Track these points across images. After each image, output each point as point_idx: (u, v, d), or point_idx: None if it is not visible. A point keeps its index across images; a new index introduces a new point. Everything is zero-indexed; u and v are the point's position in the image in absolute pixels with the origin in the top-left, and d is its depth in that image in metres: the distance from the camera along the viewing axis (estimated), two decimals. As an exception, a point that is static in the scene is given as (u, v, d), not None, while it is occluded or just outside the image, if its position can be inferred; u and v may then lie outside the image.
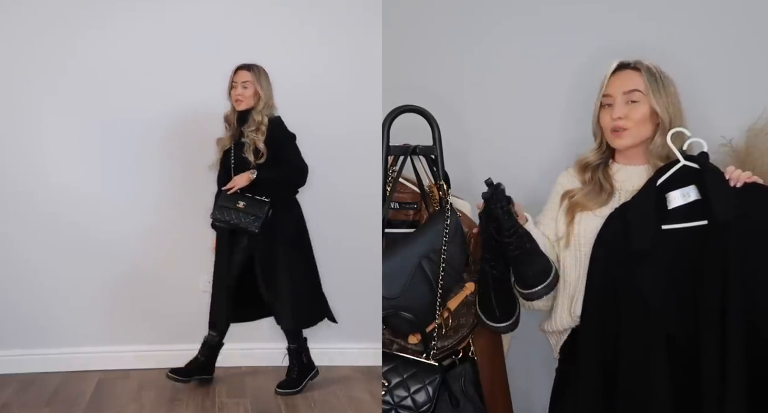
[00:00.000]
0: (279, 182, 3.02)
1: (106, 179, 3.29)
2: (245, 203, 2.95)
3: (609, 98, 1.99)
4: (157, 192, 3.31)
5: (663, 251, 1.83)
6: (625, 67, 2.01)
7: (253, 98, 2.99)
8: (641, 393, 1.80)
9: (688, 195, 1.86)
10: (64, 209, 3.27)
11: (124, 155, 3.29)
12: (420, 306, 1.98)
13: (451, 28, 2.57)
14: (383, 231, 2.12)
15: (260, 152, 2.96)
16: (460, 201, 2.24)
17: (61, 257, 3.30)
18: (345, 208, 3.38)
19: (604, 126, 2.01)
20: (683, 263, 1.82)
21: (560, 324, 2.02)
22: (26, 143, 3.24)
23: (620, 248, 1.87)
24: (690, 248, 1.82)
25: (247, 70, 2.99)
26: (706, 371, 1.76)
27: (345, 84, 3.35)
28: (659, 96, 1.96)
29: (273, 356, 3.27)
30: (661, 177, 1.88)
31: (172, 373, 3.10)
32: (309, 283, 3.11)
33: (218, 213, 2.96)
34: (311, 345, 3.20)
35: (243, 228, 2.96)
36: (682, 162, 1.88)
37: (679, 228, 1.84)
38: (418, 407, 1.90)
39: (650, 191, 1.88)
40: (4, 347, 3.30)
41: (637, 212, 1.87)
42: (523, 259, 1.88)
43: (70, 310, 3.33)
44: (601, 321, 1.88)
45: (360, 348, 3.39)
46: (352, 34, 3.32)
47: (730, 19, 2.41)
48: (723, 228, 1.78)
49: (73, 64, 3.23)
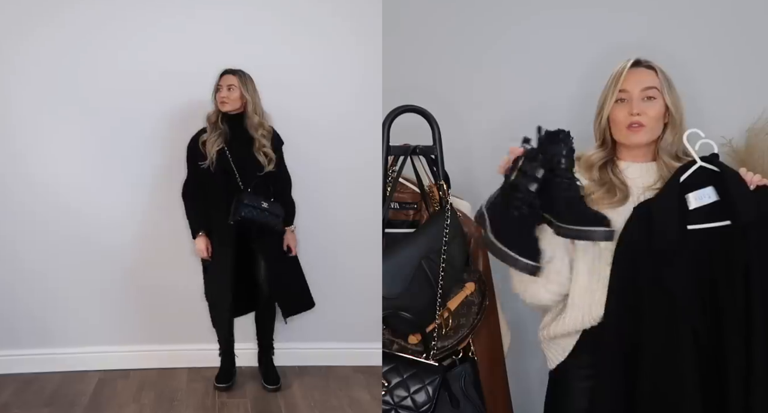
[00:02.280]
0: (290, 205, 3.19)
1: (106, 179, 3.28)
2: (267, 203, 3.01)
3: (625, 94, 1.98)
4: (157, 192, 3.31)
5: (688, 250, 1.84)
6: (639, 64, 2.01)
7: (239, 101, 3.02)
8: (670, 390, 1.80)
9: (708, 197, 1.86)
10: (63, 209, 3.26)
11: (125, 155, 3.28)
12: (420, 306, 1.98)
13: (451, 29, 2.57)
14: (383, 231, 2.12)
15: (269, 157, 3.03)
16: (460, 201, 2.24)
17: (61, 257, 3.29)
18: (345, 208, 3.38)
19: (619, 121, 1.99)
20: (708, 262, 1.83)
21: (573, 325, 1.97)
22: (24, 144, 3.23)
23: (644, 248, 1.86)
24: (714, 249, 1.83)
25: (232, 74, 3.04)
26: (732, 369, 1.77)
27: (345, 84, 3.34)
28: (671, 95, 1.99)
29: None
30: (682, 176, 1.89)
31: (219, 383, 3.15)
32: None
33: (246, 212, 2.95)
34: (311, 345, 3.21)
35: (271, 226, 3.02)
36: (699, 163, 1.88)
37: (702, 229, 1.84)
38: (418, 407, 1.90)
39: (674, 190, 1.88)
40: (4, 347, 3.30)
41: (662, 211, 1.87)
42: (578, 197, 1.86)
43: (70, 310, 3.33)
44: (624, 320, 1.87)
45: (360, 348, 3.39)
46: (352, 34, 3.32)
47: (730, 19, 2.41)
48: (746, 228, 1.80)
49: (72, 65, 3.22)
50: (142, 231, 3.34)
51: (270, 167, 3.02)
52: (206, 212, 3.08)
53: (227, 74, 3.04)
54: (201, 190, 3.09)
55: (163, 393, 3.10)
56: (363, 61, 3.24)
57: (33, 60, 3.20)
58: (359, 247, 3.28)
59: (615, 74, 2.01)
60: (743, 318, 1.78)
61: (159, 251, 3.33)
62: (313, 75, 3.33)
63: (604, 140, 2.05)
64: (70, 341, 3.34)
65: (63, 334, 3.33)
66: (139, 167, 3.31)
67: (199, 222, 3.10)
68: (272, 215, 3.01)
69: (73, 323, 3.33)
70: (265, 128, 3.04)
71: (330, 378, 3.29)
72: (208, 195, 3.06)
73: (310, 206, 3.25)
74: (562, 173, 1.83)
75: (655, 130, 1.99)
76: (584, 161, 2.06)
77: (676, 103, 1.99)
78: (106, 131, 3.26)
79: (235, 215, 2.95)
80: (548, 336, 2.04)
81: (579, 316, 1.96)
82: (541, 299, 2.00)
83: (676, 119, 1.98)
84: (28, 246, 3.28)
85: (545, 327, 2.05)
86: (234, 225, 2.98)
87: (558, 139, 1.83)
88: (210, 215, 3.08)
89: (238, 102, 3.02)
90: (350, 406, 3.01)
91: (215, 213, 3.04)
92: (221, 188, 3.01)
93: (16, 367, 3.27)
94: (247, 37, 3.29)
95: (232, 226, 2.98)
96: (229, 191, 3.00)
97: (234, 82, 3.02)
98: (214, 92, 3.05)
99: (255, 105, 3.03)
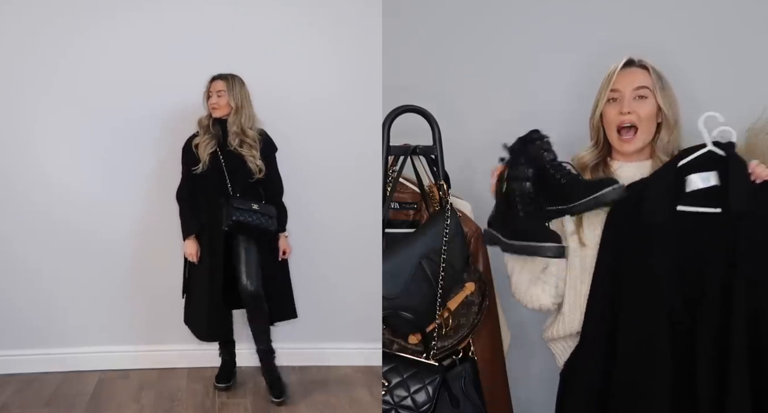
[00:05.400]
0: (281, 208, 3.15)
1: (106, 179, 3.29)
2: (258, 205, 2.99)
3: (617, 93, 1.99)
4: (158, 193, 3.31)
5: (675, 231, 1.83)
6: (632, 64, 2.01)
7: (228, 107, 3.03)
8: (640, 378, 1.80)
9: (708, 180, 1.84)
10: (63, 209, 3.27)
11: (124, 155, 3.28)
12: (420, 306, 1.98)
13: (451, 28, 2.57)
14: (383, 231, 2.12)
15: (259, 166, 3.02)
16: (460, 201, 2.24)
17: (61, 257, 3.30)
18: (345, 208, 3.38)
19: (610, 120, 2.00)
20: (693, 246, 1.82)
21: (570, 327, 1.99)
22: (24, 143, 3.24)
23: (632, 227, 1.86)
24: (701, 233, 1.82)
25: (221, 80, 3.04)
26: (703, 359, 1.76)
27: (345, 84, 3.34)
28: (664, 94, 1.98)
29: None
30: (683, 160, 1.88)
31: (219, 383, 3.15)
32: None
33: (239, 216, 2.94)
34: (312, 345, 3.20)
35: (264, 228, 2.99)
36: (709, 146, 1.86)
37: (692, 212, 1.83)
38: (418, 407, 1.90)
39: (670, 170, 1.88)
40: (4, 347, 3.30)
41: (654, 188, 1.86)
42: (575, 180, 1.88)
43: (70, 310, 3.33)
44: (608, 296, 1.87)
45: (360, 348, 3.39)
46: (352, 34, 3.32)
47: (731, 19, 2.41)
48: (737, 218, 1.78)
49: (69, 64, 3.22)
50: (143, 231, 3.34)
51: (260, 175, 3.03)
52: (198, 215, 3.07)
53: (216, 80, 3.05)
54: (194, 193, 3.09)
55: (163, 393, 3.11)
56: (363, 61, 3.24)
57: (33, 60, 3.21)
58: (359, 247, 3.28)
59: (608, 74, 2.01)
60: (719, 308, 1.76)
61: (159, 252, 3.33)
62: (313, 75, 3.34)
63: (598, 139, 2.05)
64: (70, 341, 3.34)
65: (63, 334, 3.34)
66: (139, 167, 3.31)
67: (190, 225, 3.08)
68: (265, 216, 3.00)
69: (73, 323, 3.34)
70: (248, 136, 3.03)
71: (330, 378, 3.29)
72: (200, 198, 3.07)
73: (310, 206, 3.25)
74: (550, 163, 1.88)
75: (647, 131, 1.99)
76: (577, 163, 2.06)
77: (670, 102, 1.98)
78: (107, 132, 3.26)
79: (227, 220, 2.95)
80: (551, 338, 2.06)
81: (577, 317, 1.97)
82: (543, 303, 2.02)
83: (670, 118, 1.98)
84: (27, 246, 3.28)
85: (547, 329, 2.07)
86: (226, 229, 2.97)
87: (532, 138, 1.89)
88: (202, 218, 3.07)
89: (227, 108, 3.04)
90: (350, 406, 3.01)
91: (207, 217, 3.05)
92: (213, 192, 3.02)
93: (16, 367, 3.28)
94: (247, 37, 3.29)
95: (224, 231, 2.98)
96: (221, 194, 3.01)
97: (222, 88, 3.03)
98: (205, 98, 3.07)
99: (240, 113, 3.03)
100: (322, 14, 3.32)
